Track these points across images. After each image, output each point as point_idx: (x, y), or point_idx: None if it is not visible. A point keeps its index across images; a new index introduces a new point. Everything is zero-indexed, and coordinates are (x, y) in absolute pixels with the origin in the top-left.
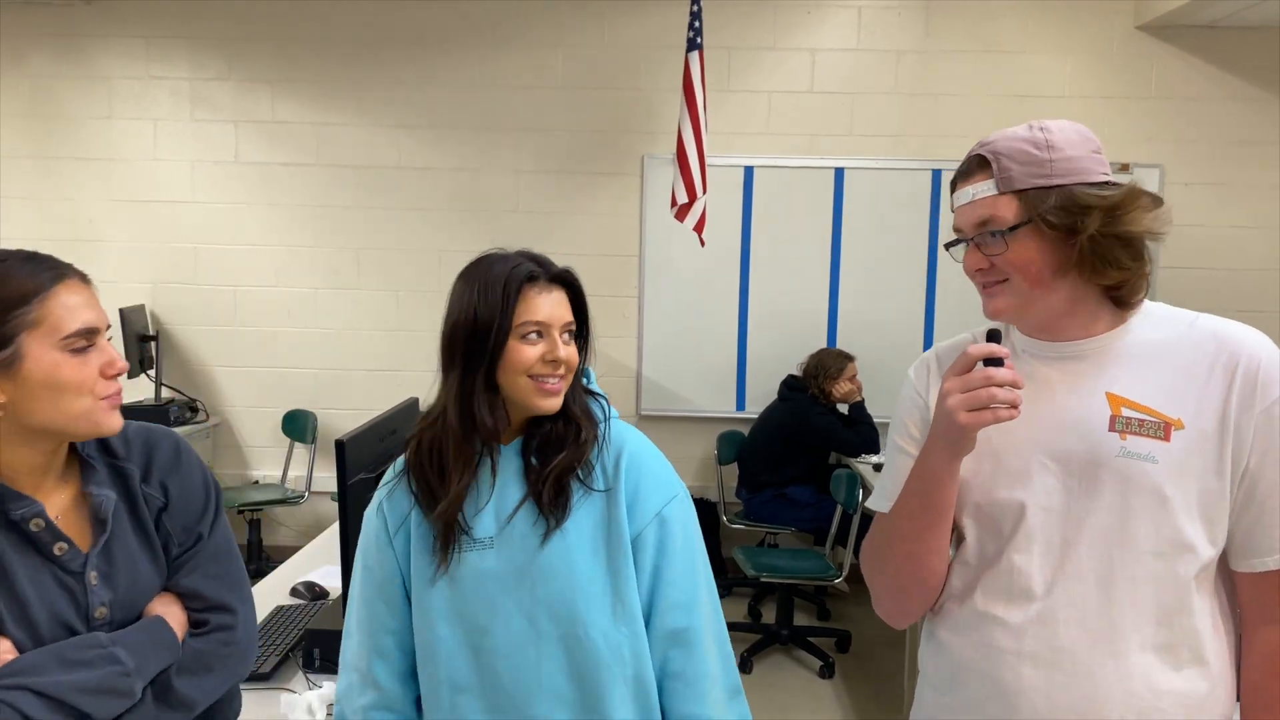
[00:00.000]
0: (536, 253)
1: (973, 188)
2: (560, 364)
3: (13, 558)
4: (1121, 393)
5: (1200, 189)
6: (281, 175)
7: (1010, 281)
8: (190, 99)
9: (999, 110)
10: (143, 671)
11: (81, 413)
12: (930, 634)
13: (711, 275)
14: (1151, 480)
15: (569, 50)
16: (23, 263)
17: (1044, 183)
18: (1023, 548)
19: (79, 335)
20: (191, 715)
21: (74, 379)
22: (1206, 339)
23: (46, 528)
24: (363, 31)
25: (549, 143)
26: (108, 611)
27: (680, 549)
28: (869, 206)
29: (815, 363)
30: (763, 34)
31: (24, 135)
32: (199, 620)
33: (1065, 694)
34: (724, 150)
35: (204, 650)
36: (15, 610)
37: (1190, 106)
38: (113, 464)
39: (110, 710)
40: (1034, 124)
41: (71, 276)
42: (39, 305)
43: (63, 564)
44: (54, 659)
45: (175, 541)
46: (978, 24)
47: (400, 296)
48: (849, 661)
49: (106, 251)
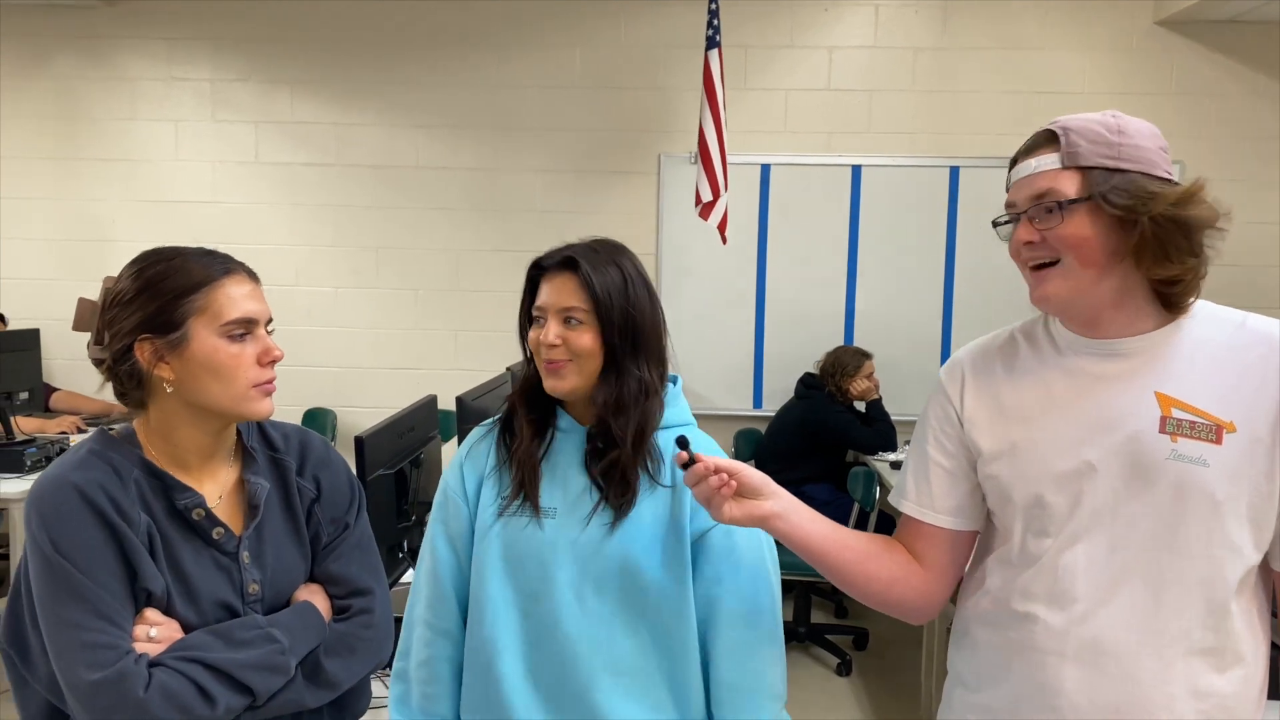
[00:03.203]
0: (576, 242)
1: (1036, 160)
2: (555, 347)
3: (179, 543)
4: (1171, 393)
5: (1221, 185)
6: (302, 175)
7: (1061, 264)
8: (211, 100)
9: (1017, 107)
10: (296, 650)
11: (235, 395)
12: (963, 632)
13: (729, 274)
14: (1202, 484)
15: (587, 50)
16: (198, 257)
17: (1111, 164)
18: (1068, 549)
19: (237, 323)
20: (336, 694)
21: (230, 363)
22: (1259, 341)
23: (207, 516)
24: (382, 33)
25: (567, 142)
26: (259, 588)
27: (747, 560)
28: (886, 204)
29: (832, 361)
30: (780, 32)
31: (49, 136)
32: (342, 606)
33: (1107, 695)
34: (741, 148)
35: (347, 633)
36: (182, 590)
37: (1210, 102)
38: (272, 456)
39: (269, 685)
40: (1109, 112)
41: (239, 271)
42: (206, 294)
43: (220, 546)
44: (219, 638)
45: (324, 530)
46: (996, 20)
47: (419, 295)
48: (866, 659)
49: (129, 251)
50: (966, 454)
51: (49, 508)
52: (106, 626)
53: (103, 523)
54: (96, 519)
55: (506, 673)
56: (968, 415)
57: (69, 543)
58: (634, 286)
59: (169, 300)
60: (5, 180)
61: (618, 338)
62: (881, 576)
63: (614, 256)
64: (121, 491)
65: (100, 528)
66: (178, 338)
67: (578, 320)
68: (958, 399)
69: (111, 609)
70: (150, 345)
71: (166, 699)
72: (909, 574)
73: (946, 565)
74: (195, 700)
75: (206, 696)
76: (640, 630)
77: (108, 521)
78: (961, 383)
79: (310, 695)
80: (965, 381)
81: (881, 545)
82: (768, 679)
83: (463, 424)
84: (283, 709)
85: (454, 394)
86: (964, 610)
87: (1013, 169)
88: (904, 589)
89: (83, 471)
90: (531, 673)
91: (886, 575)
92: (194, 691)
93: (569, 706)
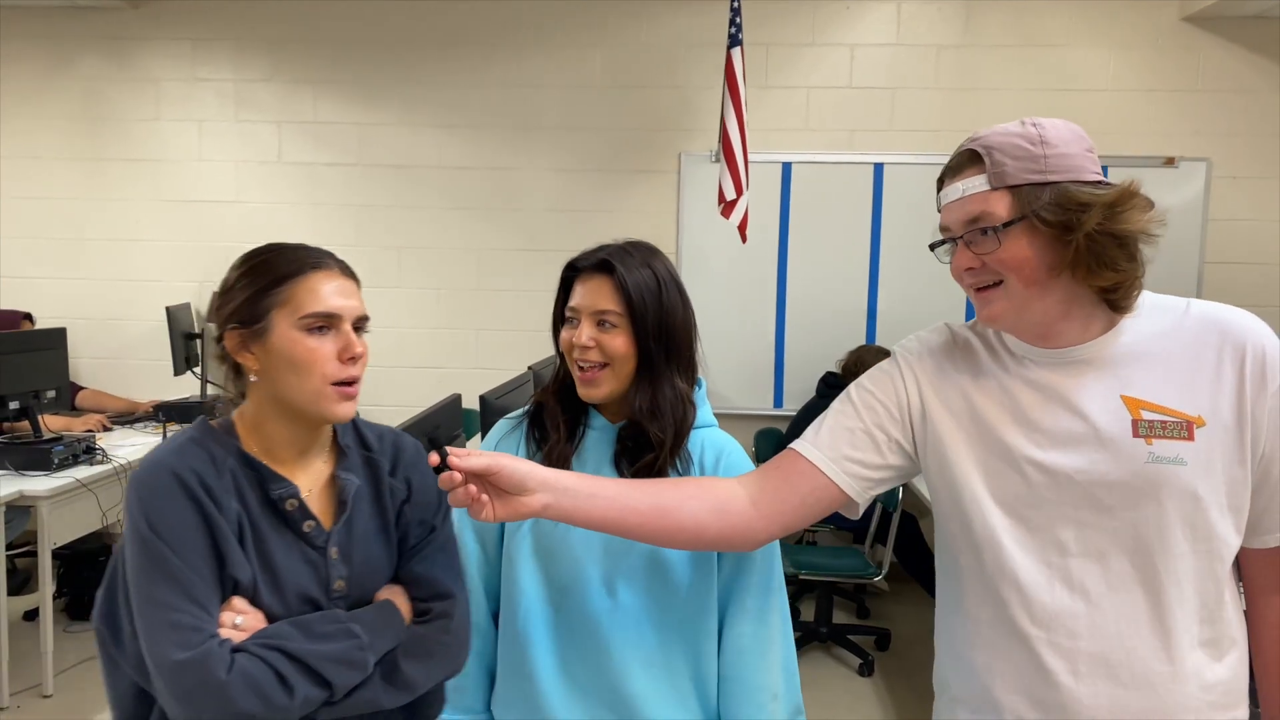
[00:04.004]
0: (609, 243)
1: (963, 183)
2: (588, 349)
3: (270, 534)
4: (1137, 394)
5: (1248, 182)
6: (324, 175)
7: (1004, 284)
8: (234, 100)
9: (1040, 104)
10: (375, 647)
11: (313, 391)
12: (955, 655)
13: (749, 272)
14: (1184, 483)
15: (607, 49)
16: (292, 250)
17: (1038, 178)
18: (1061, 564)
19: (317, 317)
20: (412, 697)
21: (306, 356)
22: (1208, 329)
23: (299, 507)
24: (403, 32)
25: (588, 141)
26: (344, 585)
27: (761, 563)
28: (909, 202)
29: (855, 360)
30: (801, 30)
31: (74, 137)
32: (422, 609)
33: (1127, 706)
34: (762, 147)
35: (426, 636)
36: (269, 580)
37: (1238, 99)
38: (366, 455)
39: (347, 680)
40: (1026, 120)
41: (329, 267)
42: (290, 287)
43: (309, 539)
44: (301, 629)
45: (412, 532)
46: (1019, 17)
47: (441, 295)
48: (888, 660)
49: (153, 251)
50: (888, 437)
51: (146, 490)
52: (195, 609)
53: (196, 508)
54: (190, 503)
55: (540, 666)
56: (931, 415)
57: (164, 525)
58: (668, 290)
59: (256, 292)
60: (32, 180)
61: (652, 341)
62: (685, 528)
63: (648, 259)
64: (216, 479)
65: (194, 512)
66: (261, 328)
67: (611, 324)
68: (915, 392)
69: (201, 593)
70: (238, 335)
71: (247, 684)
72: (720, 518)
73: (787, 512)
74: (275, 688)
75: (286, 685)
76: (667, 625)
77: (200, 507)
78: (920, 379)
79: (386, 696)
80: (929, 379)
81: (682, 494)
82: (774, 678)
83: (486, 423)
84: (358, 708)
85: (476, 393)
86: (950, 634)
87: (940, 191)
88: (714, 535)
89: (180, 457)
90: (565, 666)
91: (691, 525)
92: (274, 679)
93: (603, 699)
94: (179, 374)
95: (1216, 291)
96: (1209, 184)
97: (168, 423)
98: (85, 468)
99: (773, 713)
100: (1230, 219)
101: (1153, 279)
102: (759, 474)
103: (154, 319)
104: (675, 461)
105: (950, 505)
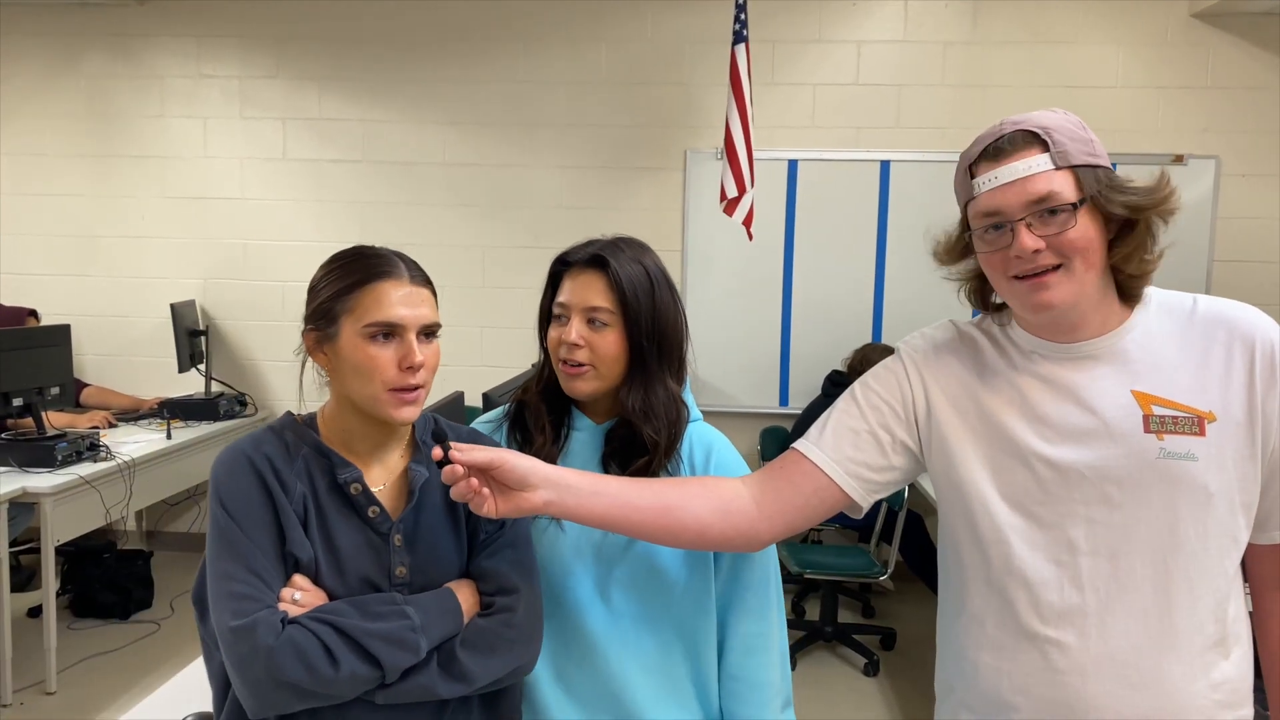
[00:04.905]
0: (612, 236)
1: (1024, 163)
2: (577, 348)
3: (335, 517)
4: (1148, 389)
5: (1258, 180)
6: (329, 172)
7: (1066, 267)
8: (240, 97)
9: (1049, 102)
10: (428, 631)
11: (372, 396)
12: (960, 654)
13: (755, 270)
14: (1195, 479)
15: (612, 45)
16: (368, 257)
17: (1093, 161)
18: (1071, 563)
19: (378, 325)
20: (470, 689)
21: (366, 364)
22: (1216, 325)
23: (363, 492)
24: (409, 29)
25: (593, 138)
26: (406, 572)
27: (759, 559)
28: (916, 200)
29: (860, 358)
30: (808, 26)
31: (78, 134)
32: (487, 603)
33: (1137, 705)
34: (768, 144)
35: (487, 629)
36: (331, 562)
37: (1248, 96)
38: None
39: (397, 660)
40: (1056, 109)
41: (398, 276)
42: (359, 293)
43: (374, 525)
44: (356, 607)
45: (482, 528)
46: (1027, 14)
47: (445, 292)
48: (894, 659)
49: (158, 248)
50: (892, 438)
51: (223, 471)
52: (255, 581)
53: (262, 487)
54: (258, 483)
55: (536, 675)
56: (937, 413)
57: (234, 503)
58: (660, 288)
59: (330, 297)
60: (37, 177)
61: (645, 340)
62: (689, 527)
63: (639, 255)
64: (286, 464)
65: (260, 491)
66: (333, 332)
67: (603, 322)
68: (920, 389)
69: (261, 565)
70: (314, 335)
71: (294, 652)
72: (723, 518)
73: (790, 513)
74: (320, 659)
75: (332, 658)
76: (665, 628)
77: (266, 487)
78: (925, 377)
79: (443, 685)
80: (934, 376)
81: (686, 494)
82: (775, 674)
83: None
84: (414, 694)
85: (480, 390)
86: (954, 635)
87: (981, 174)
88: (717, 535)
89: (255, 444)
90: (561, 675)
91: (694, 525)
92: (321, 650)
93: (603, 704)
94: (183, 371)
95: (1225, 290)
96: (1218, 182)
97: (172, 420)
98: (89, 464)
99: (775, 708)
100: (1239, 217)
101: (1161, 277)
102: (762, 474)
103: (159, 316)
104: (667, 463)
105: (956, 504)
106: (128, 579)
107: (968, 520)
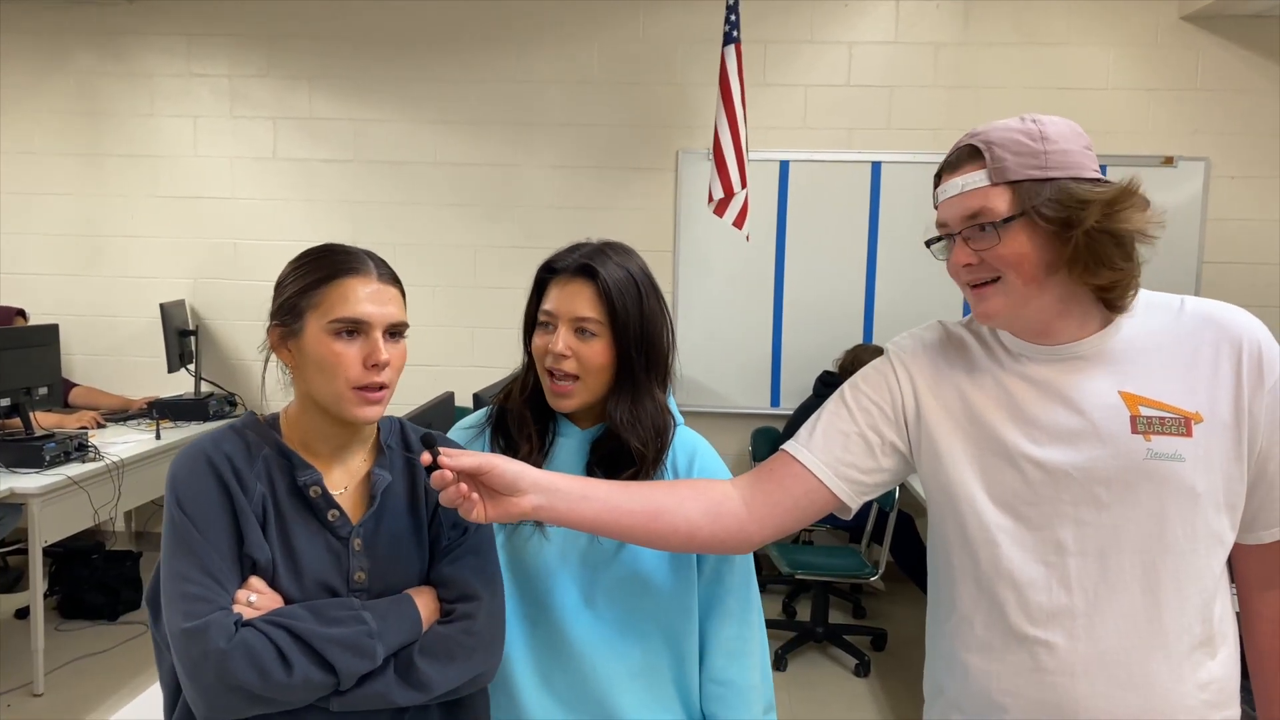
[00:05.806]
0: (598, 242)
1: (962, 179)
2: (564, 358)
3: (295, 519)
4: (1135, 390)
5: (1247, 182)
6: (319, 171)
7: (1002, 280)
8: (230, 96)
9: (1040, 103)
10: (385, 637)
11: (335, 393)
12: (949, 655)
13: (747, 270)
14: (1182, 480)
15: (605, 45)
16: (334, 253)
17: (1038, 174)
18: (1059, 563)
19: (342, 321)
20: (428, 697)
21: (331, 360)
22: (1203, 326)
23: (323, 495)
24: (400, 28)
25: (585, 138)
26: (365, 578)
27: (740, 563)
28: (907, 201)
29: (851, 359)
30: (799, 27)
31: (69, 132)
32: (448, 610)
33: (1126, 705)
34: (760, 145)
35: (447, 636)
36: (289, 565)
37: (1237, 98)
38: (407, 456)
39: (353, 667)
40: (1026, 116)
41: (365, 273)
42: (324, 289)
43: (334, 529)
44: (311, 612)
45: (445, 533)
46: (1018, 15)
47: (436, 292)
48: (885, 660)
49: (148, 247)
50: (881, 440)
51: (182, 469)
52: (209, 583)
53: (221, 488)
54: (217, 483)
55: (522, 683)
56: (926, 414)
57: (191, 503)
58: (648, 297)
59: (296, 292)
60: (26, 175)
61: (634, 351)
62: (679, 530)
63: (626, 262)
64: (246, 463)
65: (218, 492)
66: (297, 328)
67: (591, 332)
68: (909, 390)
69: (216, 567)
70: (278, 331)
71: (246, 656)
72: (713, 521)
73: (780, 515)
74: (274, 663)
75: (285, 662)
76: (650, 633)
77: (225, 487)
78: (915, 378)
79: (400, 693)
80: (923, 377)
81: (675, 497)
82: (756, 677)
83: None
84: (370, 702)
85: (470, 390)
86: (943, 636)
87: (938, 186)
88: (707, 537)
89: (216, 443)
90: (547, 681)
91: (684, 528)
92: (274, 654)
93: (589, 711)
94: (173, 371)
95: (1215, 291)
96: (1208, 183)
97: (161, 420)
98: (77, 465)
99: (757, 711)
100: (1229, 219)
101: (1151, 278)
102: (752, 476)
103: (148, 315)
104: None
105: (945, 504)
106: (116, 580)
107: (956, 521)
